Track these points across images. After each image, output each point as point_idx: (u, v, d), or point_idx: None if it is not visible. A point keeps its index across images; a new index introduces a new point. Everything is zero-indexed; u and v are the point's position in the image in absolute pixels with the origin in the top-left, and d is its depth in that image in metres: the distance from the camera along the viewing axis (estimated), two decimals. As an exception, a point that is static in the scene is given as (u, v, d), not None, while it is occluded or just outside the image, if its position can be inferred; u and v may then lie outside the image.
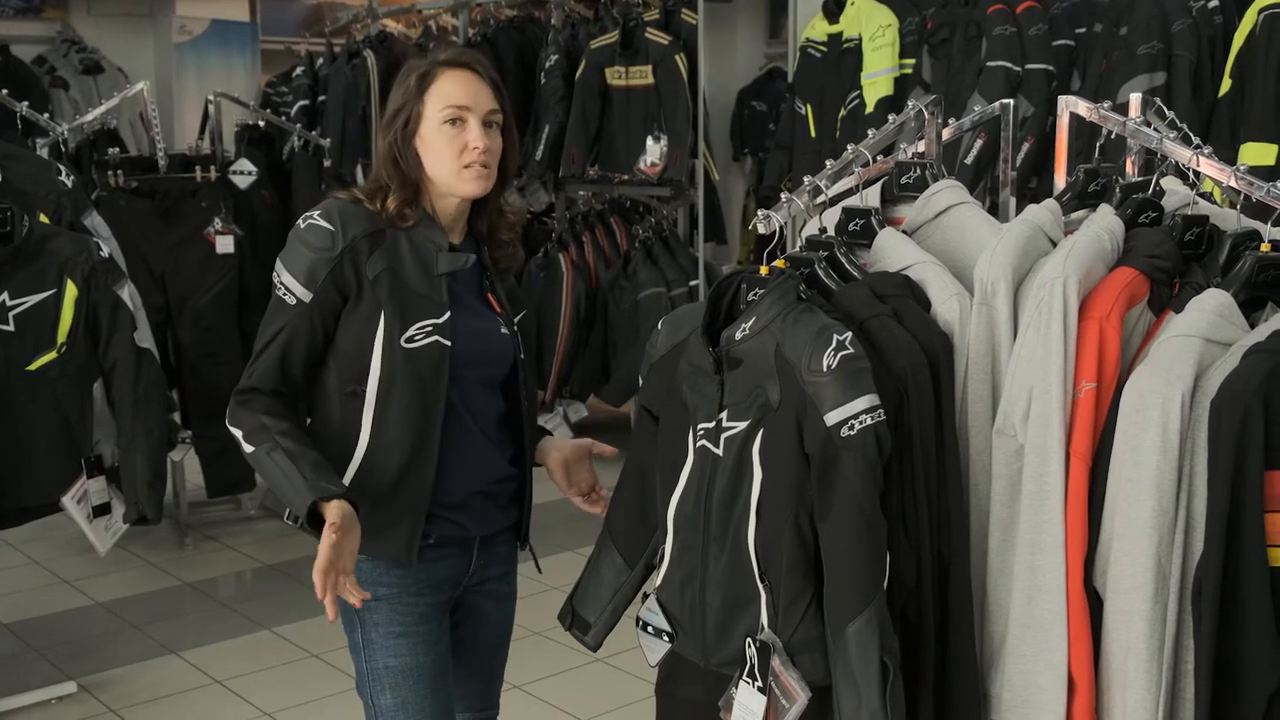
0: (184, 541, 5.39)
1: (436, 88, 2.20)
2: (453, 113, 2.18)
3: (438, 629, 2.30)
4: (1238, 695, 1.79)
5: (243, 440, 2.16)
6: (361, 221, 2.19)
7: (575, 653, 2.71)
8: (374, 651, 2.26)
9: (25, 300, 3.53)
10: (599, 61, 6.35)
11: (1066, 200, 2.25)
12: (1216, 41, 4.70)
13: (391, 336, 2.16)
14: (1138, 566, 1.83)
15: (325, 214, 2.19)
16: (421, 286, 2.19)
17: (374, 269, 2.17)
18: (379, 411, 2.18)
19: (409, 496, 2.20)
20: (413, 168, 2.21)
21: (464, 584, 2.34)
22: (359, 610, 2.23)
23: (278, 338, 2.18)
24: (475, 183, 2.20)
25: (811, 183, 2.37)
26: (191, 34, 9.18)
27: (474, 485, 2.28)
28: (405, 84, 2.23)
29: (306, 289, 2.16)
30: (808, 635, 1.97)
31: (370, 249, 2.17)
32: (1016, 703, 1.97)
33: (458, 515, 2.27)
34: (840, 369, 1.90)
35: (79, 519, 3.70)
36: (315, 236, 2.17)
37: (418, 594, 2.26)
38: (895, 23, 5.52)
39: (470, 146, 2.18)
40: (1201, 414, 1.79)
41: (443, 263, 2.21)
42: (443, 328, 2.19)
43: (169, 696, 3.97)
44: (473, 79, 2.21)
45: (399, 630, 2.25)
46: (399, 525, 2.20)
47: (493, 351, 2.29)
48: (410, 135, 2.21)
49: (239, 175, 5.35)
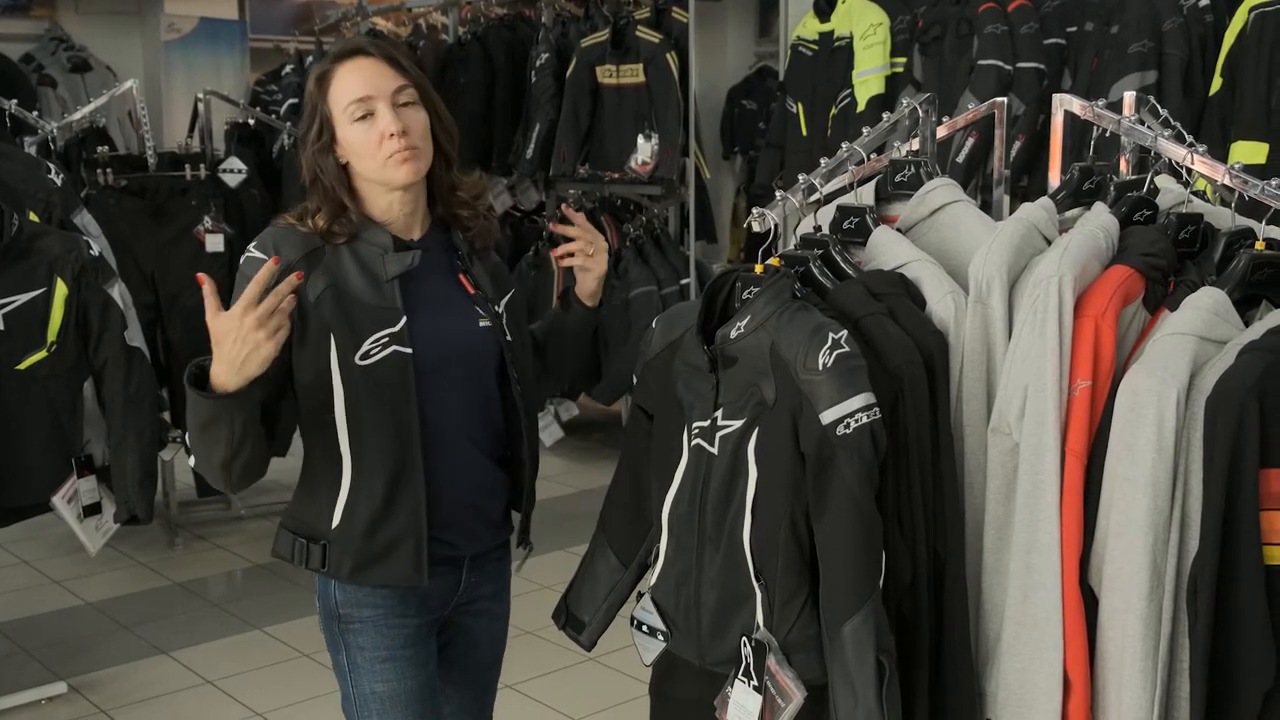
0: (174, 541, 5.39)
1: (335, 87, 2.10)
2: (357, 108, 2.07)
3: (425, 651, 2.23)
4: (1233, 694, 1.79)
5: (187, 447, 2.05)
6: (297, 245, 2.08)
7: (569, 652, 2.71)
8: (359, 676, 2.19)
9: (15, 299, 3.52)
10: (590, 60, 6.34)
11: (1061, 198, 2.25)
12: (1207, 40, 4.71)
13: (345, 356, 2.06)
14: (1133, 565, 1.83)
15: (260, 245, 2.10)
16: (370, 296, 2.08)
17: (314, 290, 2.06)
18: (354, 436, 2.09)
19: (405, 516, 2.11)
20: (338, 179, 2.11)
21: (453, 603, 2.27)
22: (343, 633, 2.18)
23: None
24: (405, 167, 2.08)
25: (805, 181, 2.37)
26: (180, 32, 9.15)
27: (463, 498, 2.19)
28: (309, 91, 2.13)
29: None
30: (803, 634, 1.97)
31: (308, 270, 2.06)
32: (1012, 701, 1.97)
33: (446, 533, 2.18)
34: (836, 367, 1.90)
35: (69, 519, 3.69)
36: (252, 270, 2.01)
37: (404, 615, 2.19)
38: (886, 21, 5.53)
39: (386, 135, 2.06)
40: (1197, 412, 1.79)
41: (390, 265, 2.10)
42: (400, 335, 2.08)
43: (160, 697, 3.96)
44: (368, 64, 2.09)
45: (384, 655, 2.18)
46: (402, 547, 2.12)
47: (469, 349, 2.18)
48: (328, 145, 2.11)
49: (229, 173, 5.34)
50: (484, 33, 7.06)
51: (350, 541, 2.12)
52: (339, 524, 2.12)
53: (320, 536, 2.14)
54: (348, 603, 2.17)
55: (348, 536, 2.12)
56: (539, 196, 7.20)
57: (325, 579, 2.18)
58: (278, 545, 2.20)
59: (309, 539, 2.15)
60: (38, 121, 5.34)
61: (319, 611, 2.23)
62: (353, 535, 2.12)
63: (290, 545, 2.17)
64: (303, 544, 2.15)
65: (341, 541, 2.12)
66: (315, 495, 2.15)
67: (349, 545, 2.12)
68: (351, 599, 2.16)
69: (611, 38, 6.26)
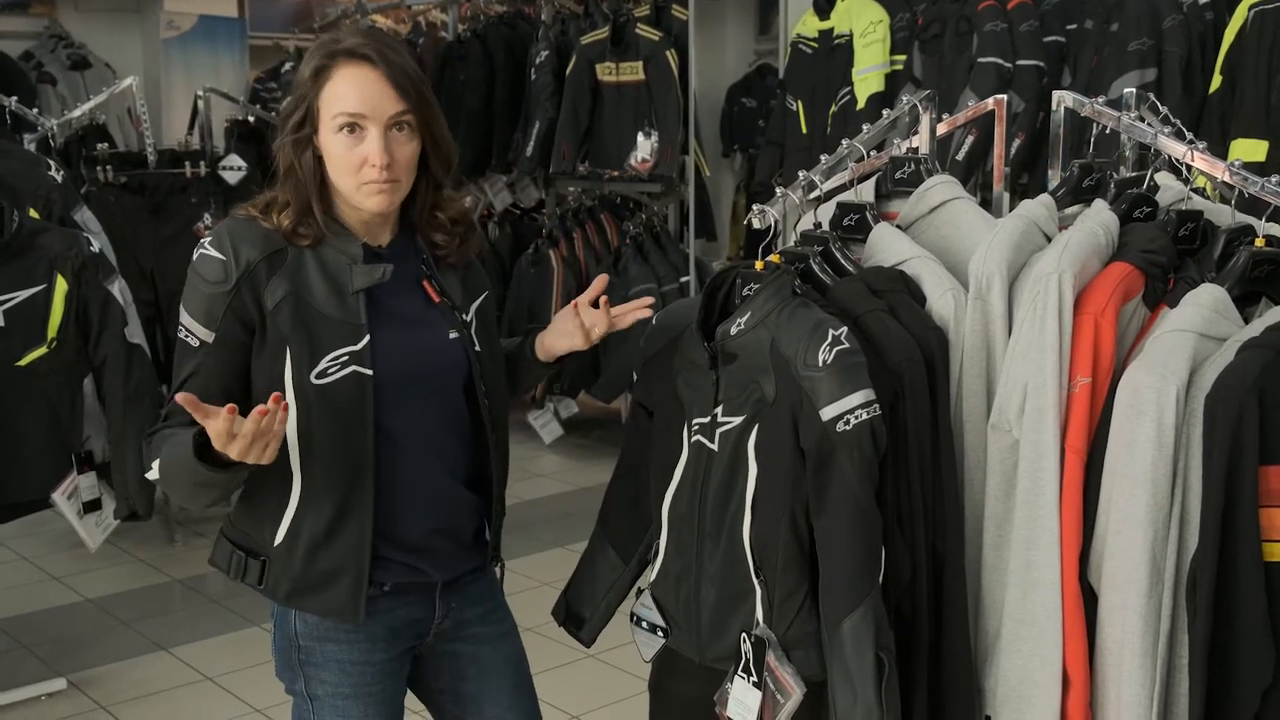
0: (174, 538, 5.39)
1: (330, 88, 1.91)
2: (346, 119, 1.89)
3: (392, 685, 2.09)
4: (1232, 690, 1.79)
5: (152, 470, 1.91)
6: (257, 242, 1.92)
7: (568, 649, 2.70)
8: (321, 707, 2.05)
9: (15, 295, 3.52)
10: (589, 57, 6.34)
11: (1061, 195, 2.25)
12: (1207, 38, 4.71)
13: (300, 374, 1.90)
14: (1132, 562, 1.83)
15: (216, 240, 1.93)
16: (333, 309, 1.93)
17: (274, 296, 1.90)
18: (304, 456, 1.93)
19: (347, 546, 1.96)
20: (310, 175, 1.94)
21: (432, 632, 2.12)
22: (304, 664, 2.05)
23: (187, 383, 1.92)
24: (378, 199, 1.92)
25: (806, 178, 2.37)
26: (179, 29, 9.12)
27: (432, 522, 2.04)
28: (302, 76, 1.94)
29: (207, 329, 1.92)
30: (803, 630, 1.97)
31: (269, 273, 1.91)
32: (1011, 698, 1.97)
33: (416, 560, 2.04)
34: (836, 364, 1.90)
35: (69, 515, 3.69)
36: (207, 268, 1.91)
37: (371, 652, 2.04)
38: (886, 19, 5.52)
39: (369, 164, 1.89)
40: (1196, 409, 1.79)
41: (358, 278, 1.94)
42: (361, 355, 1.92)
43: (159, 693, 3.96)
44: (373, 78, 1.90)
45: (348, 692, 2.04)
46: (340, 578, 1.97)
47: (435, 366, 2.02)
48: (307, 139, 1.93)
49: (228, 171, 5.34)
50: (484, 30, 7.06)
51: (290, 564, 1.98)
52: (280, 543, 1.98)
53: (260, 552, 2.01)
54: (309, 634, 2.03)
55: (288, 558, 1.98)
56: (538, 194, 7.21)
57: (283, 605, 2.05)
58: (215, 554, 2.06)
59: (248, 553, 2.02)
60: (37, 119, 5.33)
61: (275, 637, 2.10)
62: (293, 558, 1.98)
63: (228, 557, 2.04)
64: (240, 557, 2.02)
65: (281, 562, 1.99)
66: (260, 509, 2.01)
67: (288, 568, 1.99)
68: (314, 631, 2.03)
69: (611, 35, 6.26)
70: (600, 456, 6.45)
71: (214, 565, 2.08)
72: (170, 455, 1.88)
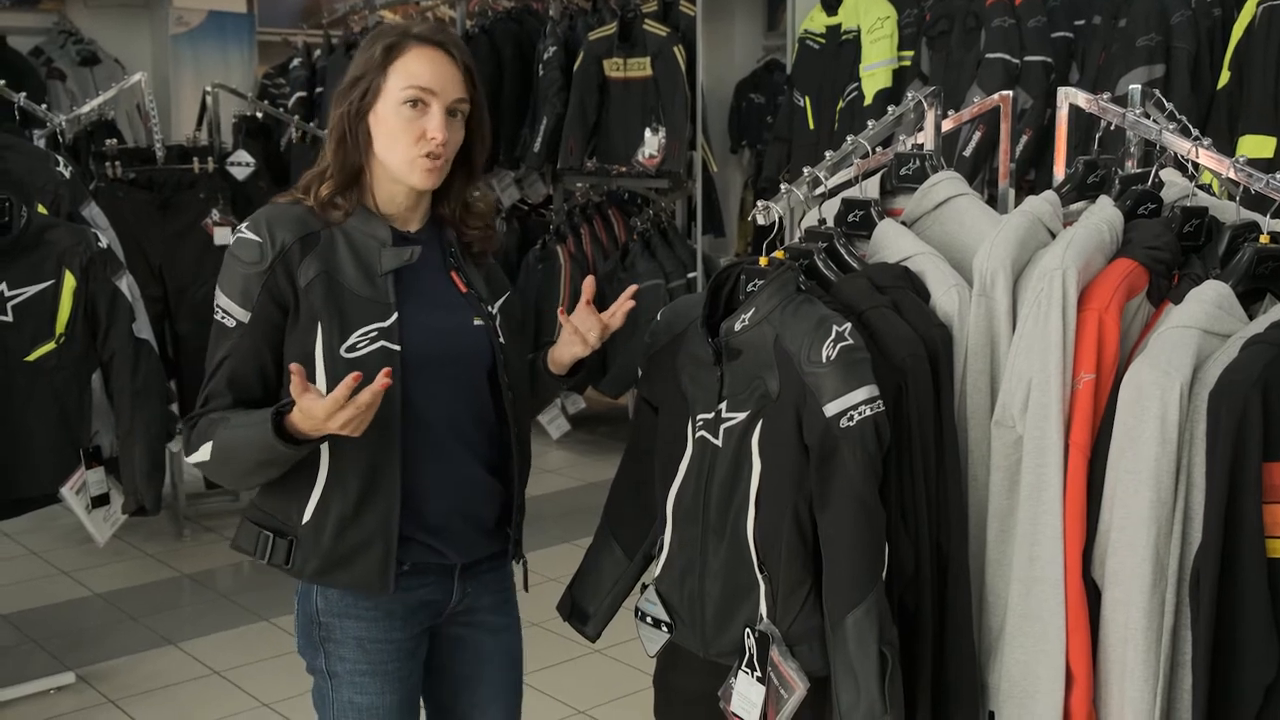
0: (182, 533, 5.40)
1: (402, 63, 2.00)
2: (415, 93, 1.99)
3: (409, 664, 2.14)
4: (1235, 686, 1.79)
5: (201, 452, 1.98)
6: (291, 226, 2.01)
7: (573, 643, 2.71)
8: (340, 684, 2.10)
9: (23, 291, 3.53)
10: (597, 53, 6.34)
11: (1066, 192, 2.25)
12: (1215, 33, 4.70)
13: (331, 348, 1.97)
14: (1136, 558, 1.83)
15: (253, 225, 2.02)
16: (362, 288, 2.01)
17: (306, 275, 1.99)
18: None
19: (376, 520, 2.02)
20: (360, 147, 2.03)
21: (445, 614, 2.16)
22: (324, 641, 2.10)
23: (224, 364, 2.00)
24: (428, 176, 2.02)
25: (811, 174, 2.37)
26: (188, 25, 9.14)
27: (454, 505, 2.09)
28: (370, 52, 2.03)
29: (244, 309, 1.99)
30: (806, 626, 1.97)
31: (302, 254, 1.99)
32: (1014, 693, 1.98)
33: (436, 540, 2.08)
34: (839, 360, 1.90)
35: (77, 510, 3.70)
36: (244, 251, 2.00)
37: (389, 630, 2.09)
38: (894, 15, 5.52)
39: (428, 136, 1.99)
40: (1200, 405, 1.79)
41: (387, 259, 2.03)
42: (389, 331, 2.00)
43: (167, 687, 3.97)
44: (444, 61, 2.02)
45: (366, 669, 2.09)
46: (369, 552, 2.02)
47: (461, 348, 2.08)
48: (365, 109, 2.02)
49: (237, 166, 5.35)
50: (491, 26, 7.06)
51: (318, 541, 2.03)
52: (309, 520, 2.03)
53: (287, 532, 2.05)
54: (329, 611, 2.08)
55: (316, 535, 2.03)
56: (546, 190, 7.21)
57: (308, 584, 2.10)
58: (239, 538, 2.10)
59: (275, 533, 2.05)
60: (46, 114, 5.34)
61: (297, 614, 2.15)
62: (321, 535, 2.02)
63: (254, 538, 2.07)
64: (267, 537, 2.06)
65: (309, 539, 2.03)
66: (287, 488, 2.04)
67: (316, 544, 2.03)
68: (334, 608, 2.08)
69: (619, 31, 6.26)
70: (606, 452, 6.46)
71: (238, 549, 2.12)
72: (233, 436, 1.96)
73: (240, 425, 1.95)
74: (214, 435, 1.98)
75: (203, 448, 1.99)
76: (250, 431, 1.93)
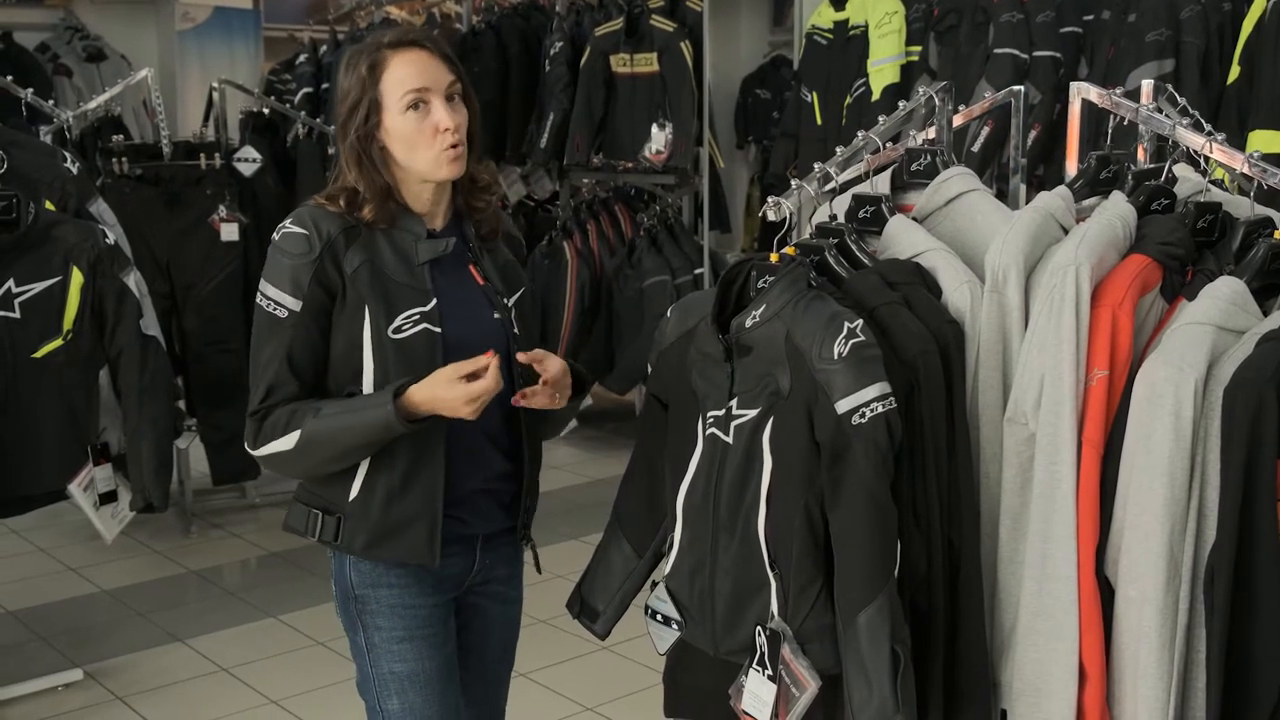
0: (189, 529, 5.40)
1: (390, 74, 2.10)
2: (414, 96, 2.09)
3: (443, 631, 2.24)
4: (1250, 684, 1.78)
5: (282, 441, 2.08)
6: (334, 220, 2.12)
7: (582, 641, 2.71)
8: (378, 656, 2.21)
9: (31, 287, 3.53)
10: (604, 49, 6.33)
11: (1078, 187, 2.24)
12: (1225, 28, 4.69)
13: (379, 329, 2.09)
14: (1150, 555, 1.83)
15: (298, 220, 2.12)
16: (403, 277, 2.13)
17: (352, 263, 2.10)
18: None
19: (422, 494, 2.13)
20: (380, 165, 2.13)
21: (467, 584, 2.28)
22: (361, 613, 2.20)
23: (281, 354, 2.10)
24: (454, 165, 2.12)
25: (821, 169, 2.36)
26: (194, 21, 9.15)
27: (474, 482, 2.20)
28: (356, 74, 2.12)
29: (295, 298, 2.09)
30: (818, 623, 1.96)
31: (347, 244, 2.11)
32: (1027, 691, 1.97)
33: (460, 511, 2.19)
34: (851, 357, 1.90)
35: (85, 506, 3.70)
36: (292, 244, 2.10)
37: (421, 595, 2.20)
38: (902, 10, 5.50)
39: (442, 128, 2.09)
40: (1214, 402, 1.78)
41: (423, 251, 2.14)
42: (430, 314, 2.12)
43: (174, 684, 3.97)
44: (425, 56, 2.12)
45: (402, 635, 2.20)
46: (417, 525, 2.13)
47: (484, 333, 2.18)
48: (373, 130, 2.11)
49: (243, 162, 5.35)
50: (498, 21, 7.06)
51: (366, 516, 2.13)
52: (356, 497, 2.13)
53: (335, 510, 2.15)
54: (363, 583, 2.18)
55: (364, 511, 2.13)
56: (552, 186, 7.20)
57: (341, 560, 2.20)
58: (290, 519, 2.21)
59: (324, 511, 2.16)
60: (53, 110, 5.34)
61: (335, 594, 2.25)
62: (369, 510, 2.13)
63: (304, 517, 2.18)
64: (317, 516, 2.16)
65: (357, 515, 2.13)
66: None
67: (364, 520, 2.13)
68: (367, 579, 2.18)
69: (626, 26, 6.25)
70: (614, 449, 6.45)
71: (290, 529, 2.23)
72: (330, 423, 2.06)
73: (341, 411, 2.06)
74: (302, 424, 2.07)
75: (285, 437, 2.08)
76: (354, 417, 2.05)
